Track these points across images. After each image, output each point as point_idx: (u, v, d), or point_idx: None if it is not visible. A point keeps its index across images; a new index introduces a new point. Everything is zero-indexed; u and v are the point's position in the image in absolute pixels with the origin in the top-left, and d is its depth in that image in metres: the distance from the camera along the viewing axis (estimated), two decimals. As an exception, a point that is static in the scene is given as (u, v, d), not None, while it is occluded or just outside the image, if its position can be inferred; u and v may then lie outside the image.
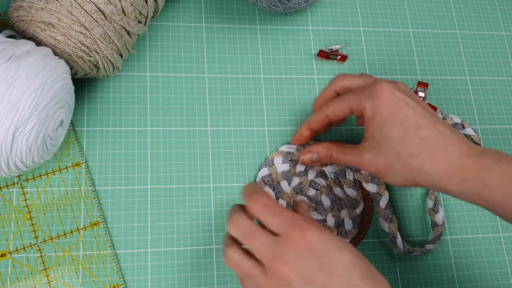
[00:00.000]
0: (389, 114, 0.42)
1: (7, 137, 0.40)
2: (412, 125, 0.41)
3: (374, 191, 0.52)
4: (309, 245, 0.38)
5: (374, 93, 0.43)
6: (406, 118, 0.42)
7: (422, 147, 0.41)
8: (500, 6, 0.66)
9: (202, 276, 0.49)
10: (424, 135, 0.41)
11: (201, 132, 0.54)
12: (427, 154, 0.41)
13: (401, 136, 0.41)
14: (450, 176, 0.41)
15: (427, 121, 0.42)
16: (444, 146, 0.41)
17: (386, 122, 0.42)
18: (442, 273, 0.53)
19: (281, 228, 0.39)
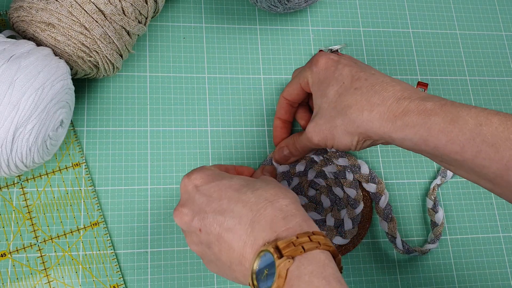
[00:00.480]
0: (326, 75, 0.43)
1: (7, 137, 0.40)
2: (347, 79, 0.41)
3: (374, 191, 0.52)
4: (195, 184, 0.40)
5: (314, 63, 0.45)
6: (341, 75, 0.42)
7: (358, 96, 0.40)
8: (500, 6, 0.66)
9: (202, 276, 0.49)
10: (360, 85, 0.41)
11: (201, 132, 0.54)
12: (364, 102, 0.40)
13: (337, 92, 0.41)
14: (391, 120, 0.39)
15: (363, 73, 0.41)
16: (382, 91, 0.40)
17: (323, 84, 0.43)
18: (442, 273, 0.53)
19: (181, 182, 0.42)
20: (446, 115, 0.37)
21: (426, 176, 0.56)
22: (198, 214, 0.39)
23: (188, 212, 0.39)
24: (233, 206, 0.37)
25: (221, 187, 0.39)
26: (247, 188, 0.38)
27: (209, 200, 0.38)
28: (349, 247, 0.51)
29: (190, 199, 0.40)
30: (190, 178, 0.41)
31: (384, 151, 0.56)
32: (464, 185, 0.57)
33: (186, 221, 0.39)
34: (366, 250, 0.53)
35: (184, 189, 0.41)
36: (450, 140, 0.37)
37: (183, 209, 0.40)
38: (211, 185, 0.39)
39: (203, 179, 0.40)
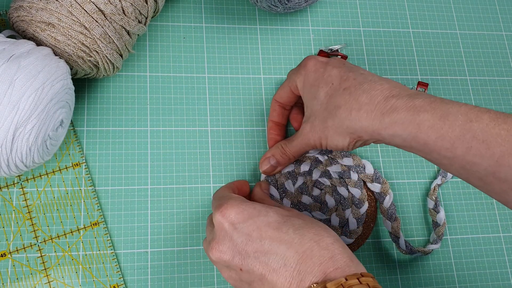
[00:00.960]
0: (315, 77, 0.43)
1: (7, 137, 0.40)
2: (336, 80, 0.42)
3: (378, 191, 0.52)
4: (230, 221, 0.39)
5: (303, 66, 0.45)
6: (330, 76, 0.42)
7: (347, 96, 0.40)
8: (500, 6, 0.66)
9: (202, 276, 0.49)
10: (348, 85, 0.41)
11: (201, 132, 0.54)
12: (353, 102, 0.40)
13: (327, 93, 0.41)
14: (379, 118, 0.39)
15: (352, 73, 0.41)
16: (370, 90, 0.39)
17: (313, 86, 0.43)
18: (442, 273, 0.53)
19: (213, 209, 0.42)
20: (435, 111, 0.37)
21: (427, 176, 0.56)
22: (239, 254, 0.38)
23: (227, 251, 0.39)
24: (276, 247, 0.37)
25: (259, 224, 0.38)
26: (287, 226, 0.38)
27: (249, 240, 0.38)
28: (353, 246, 0.51)
29: (227, 237, 0.39)
30: (224, 215, 0.40)
31: (384, 151, 0.56)
32: (465, 185, 0.57)
33: (226, 260, 0.39)
34: (367, 250, 0.53)
35: (220, 227, 0.40)
36: (440, 136, 0.36)
37: (221, 247, 0.39)
38: (249, 222, 0.39)
39: (239, 216, 0.39)
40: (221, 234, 0.40)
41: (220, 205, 0.40)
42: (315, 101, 0.43)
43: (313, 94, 0.43)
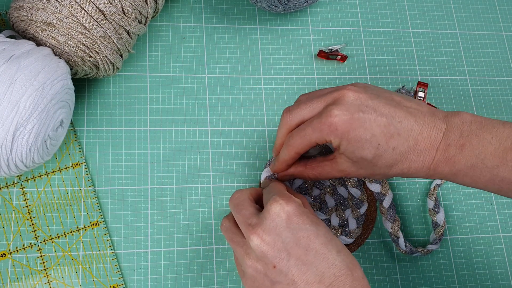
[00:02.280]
0: (356, 139, 0.42)
1: (7, 137, 0.40)
2: (382, 140, 0.42)
3: (378, 191, 0.52)
4: (288, 216, 0.39)
5: (333, 126, 0.42)
6: (374, 136, 0.42)
7: (397, 156, 0.42)
8: (500, 6, 0.66)
9: (202, 276, 0.49)
10: (396, 144, 0.42)
11: (201, 132, 0.54)
12: (403, 160, 0.43)
13: (376, 154, 0.42)
14: (426, 172, 0.43)
15: (393, 127, 0.42)
16: (415, 145, 0.42)
17: (356, 147, 0.42)
18: (442, 273, 0.53)
19: (267, 199, 0.41)
20: (467, 161, 0.41)
21: (426, 176, 0.56)
22: (280, 251, 0.38)
23: (270, 243, 0.39)
24: (318, 262, 0.38)
25: (309, 234, 0.39)
26: (332, 245, 0.39)
27: (296, 244, 0.38)
28: (353, 247, 0.51)
29: (277, 230, 0.39)
30: (287, 204, 0.40)
31: (384, 151, 0.56)
32: (464, 185, 0.57)
33: (263, 251, 0.39)
34: (367, 250, 0.53)
35: (275, 214, 0.40)
36: (474, 181, 0.42)
37: (266, 236, 0.39)
38: (302, 227, 0.39)
39: (297, 214, 0.40)
40: (272, 223, 0.39)
41: (284, 195, 0.41)
42: (362, 160, 0.43)
43: (358, 154, 0.42)
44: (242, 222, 0.41)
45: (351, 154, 0.43)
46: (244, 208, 0.42)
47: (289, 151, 0.46)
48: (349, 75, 0.59)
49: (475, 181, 0.42)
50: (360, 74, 0.59)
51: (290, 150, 0.46)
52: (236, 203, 0.43)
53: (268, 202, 0.40)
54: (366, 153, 0.42)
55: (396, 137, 0.42)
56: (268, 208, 0.40)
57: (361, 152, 0.42)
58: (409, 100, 0.44)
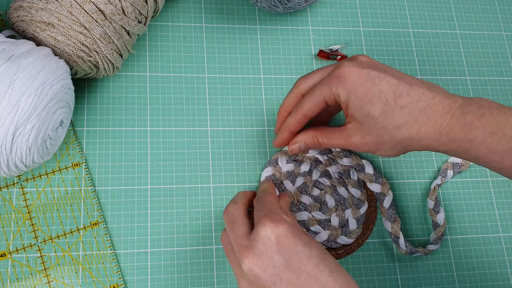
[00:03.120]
0: (364, 92, 0.41)
1: (7, 137, 0.40)
2: (390, 96, 0.41)
3: (378, 191, 0.52)
4: (278, 239, 0.39)
5: (342, 77, 0.42)
6: (382, 92, 0.41)
7: (406, 115, 0.41)
8: (500, 6, 0.66)
9: (202, 276, 0.49)
10: (405, 103, 0.41)
11: (201, 132, 0.54)
12: (412, 122, 0.41)
13: (383, 111, 0.41)
14: (437, 138, 0.41)
15: (402, 87, 0.41)
16: (426, 108, 0.41)
17: (364, 102, 0.42)
18: (442, 273, 0.53)
19: (257, 219, 0.41)
20: (485, 127, 0.40)
21: (427, 176, 0.56)
22: (272, 276, 0.38)
23: (261, 266, 0.38)
24: (310, 285, 0.37)
25: (301, 256, 0.38)
26: (324, 265, 0.38)
27: (287, 267, 0.38)
28: (353, 247, 0.51)
29: (268, 254, 0.38)
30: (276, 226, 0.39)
31: (384, 151, 0.56)
32: (465, 185, 0.57)
33: (256, 274, 0.38)
34: (367, 250, 0.53)
35: (265, 237, 0.39)
36: (490, 151, 0.40)
37: (257, 260, 0.38)
38: (294, 249, 0.39)
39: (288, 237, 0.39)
40: (263, 246, 0.39)
41: (274, 216, 0.40)
42: (369, 118, 0.42)
43: (365, 111, 0.42)
44: (235, 242, 0.41)
45: (359, 112, 0.42)
46: (237, 227, 0.41)
47: (296, 114, 0.45)
48: (349, 75, 0.59)
49: (491, 150, 0.40)
50: (360, 74, 0.59)
51: (298, 113, 0.45)
52: (230, 220, 0.42)
53: (258, 224, 0.40)
54: (373, 109, 0.41)
55: (405, 96, 0.41)
56: (259, 231, 0.39)
57: (369, 107, 0.41)
58: (423, 80, 0.43)
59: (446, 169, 0.56)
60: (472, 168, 0.58)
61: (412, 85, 0.41)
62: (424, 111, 0.41)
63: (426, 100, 0.41)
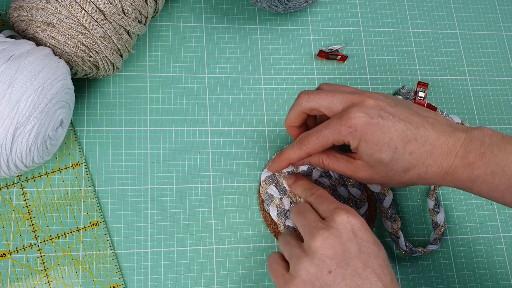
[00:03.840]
0: (374, 142, 0.43)
1: (7, 137, 0.40)
2: (399, 144, 0.43)
3: (378, 191, 0.52)
4: (353, 229, 0.41)
5: (352, 127, 0.43)
6: (391, 140, 0.43)
7: (414, 160, 0.43)
8: (500, 6, 0.66)
9: (202, 276, 0.49)
10: (413, 149, 0.43)
11: (201, 132, 0.54)
12: (420, 165, 0.43)
13: (393, 158, 0.43)
14: (443, 177, 0.43)
15: (410, 132, 0.43)
16: (432, 150, 0.43)
17: (374, 150, 0.43)
18: (442, 273, 0.53)
19: (329, 210, 0.42)
20: (486, 167, 0.42)
21: (426, 176, 0.56)
22: (341, 260, 0.39)
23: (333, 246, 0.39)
24: (373, 281, 0.39)
25: (370, 252, 0.40)
26: (388, 271, 0.40)
27: (357, 256, 0.39)
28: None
29: (342, 238, 0.40)
30: (350, 219, 0.41)
31: (384, 151, 0.56)
32: (464, 185, 0.57)
33: (326, 253, 0.39)
34: (366, 250, 0.53)
35: (341, 223, 0.41)
36: (491, 189, 0.42)
37: (331, 239, 0.40)
38: (365, 244, 0.40)
39: (362, 228, 0.41)
40: (338, 231, 0.40)
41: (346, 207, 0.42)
42: (379, 164, 0.43)
43: (376, 157, 0.43)
44: (306, 225, 0.42)
45: (369, 157, 0.43)
46: (308, 213, 0.43)
47: (300, 151, 0.46)
48: (349, 75, 0.59)
49: (492, 189, 0.42)
50: (360, 74, 0.59)
51: (302, 150, 0.46)
52: (299, 210, 0.44)
53: (333, 213, 0.41)
54: (383, 156, 0.43)
55: (413, 142, 0.43)
56: (334, 218, 0.41)
57: (379, 154, 0.43)
58: (428, 111, 0.45)
59: None
60: (472, 168, 0.58)
61: (418, 128, 0.43)
62: (430, 154, 0.43)
63: (431, 142, 0.43)
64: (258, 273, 0.50)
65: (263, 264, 0.51)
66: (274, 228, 0.51)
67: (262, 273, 0.50)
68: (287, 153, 0.47)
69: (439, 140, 0.43)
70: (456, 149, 0.42)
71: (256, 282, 0.50)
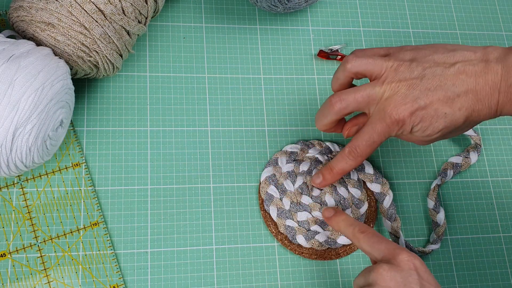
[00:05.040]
0: (423, 120, 0.43)
1: (7, 137, 0.40)
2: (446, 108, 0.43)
3: (378, 191, 0.52)
4: (415, 267, 0.40)
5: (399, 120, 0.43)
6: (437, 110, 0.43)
7: (465, 112, 0.43)
8: (500, 6, 0.66)
9: (202, 276, 0.49)
10: (459, 105, 0.43)
11: (201, 132, 0.54)
12: (472, 113, 0.43)
13: (446, 122, 0.43)
14: (495, 114, 0.44)
15: (450, 92, 0.43)
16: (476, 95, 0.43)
17: (427, 126, 0.43)
18: (442, 273, 0.53)
19: (388, 249, 0.42)
20: None
21: (427, 176, 0.56)
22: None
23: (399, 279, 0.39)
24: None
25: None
26: None
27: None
28: (353, 247, 0.51)
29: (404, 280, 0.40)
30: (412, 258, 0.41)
31: (384, 151, 0.56)
32: (465, 185, 0.57)
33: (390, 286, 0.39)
34: (366, 250, 0.53)
35: (406, 261, 0.40)
36: None
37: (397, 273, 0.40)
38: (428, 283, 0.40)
39: (423, 268, 0.41)
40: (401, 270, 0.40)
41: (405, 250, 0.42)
42: (435, 133, 0.44)
43: (430, 130, 0.44)
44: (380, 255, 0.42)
45: (425, 132, 0.44)
46: (382, 242, 0.43)
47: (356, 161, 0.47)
48: (349, 75, 0.59)
49: None
50: (360, 74, 0.59)
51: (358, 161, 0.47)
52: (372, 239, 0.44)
53: (394, 251, 0.41)
54: (437, 125, 0.43)
55: (457, 99, 0.43)
56: (395, 256, 0.41)
57: (433, 126, 0.43)
58: (453, 54, 0.44)
59: (446, 169, 0.56)
60: (472, 168, 0.58)
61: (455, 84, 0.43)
62: (476, 100, 0.43)
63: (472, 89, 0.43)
64: (258, 273, 0.50)
65: (263, 264, 0.51)
66: (274, 228, 0.51)
67: (262, 273, 0.50)
68: (340, 165, 0.48)
69: (478, 83, 0.43)
70: (498, 85, 0.42)
71: (256, 282, 0.50)
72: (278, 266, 0.51)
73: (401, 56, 0.44)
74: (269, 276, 0.50)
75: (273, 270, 0.50)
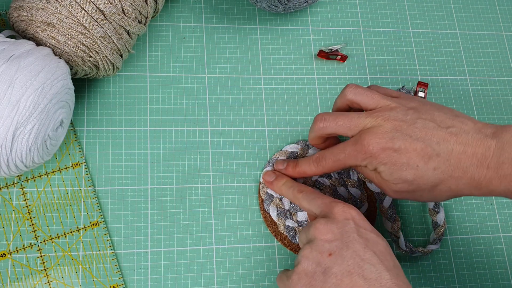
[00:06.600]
0: (392, 162, 0.42)
1: (7, 137, 0.40)
2: (419, 162, 0.41)
3: (378, 191, 0.52)
4: (351, 217, 0.41)
5: (367, 153, 0.43)
6: (411, 159, 0.42)
7: (440, 175, 0.41)
8: (500, 6, 0.66)
9: (202, 276, 0.49)
10: (436, 165, 0.41)
11: (201, 132, 0.54)
12: (448, 178, 0.41)
13: (416, 175, 0.42)
14: (477, 188, 0.41)
15: (430, 148, 0.41)
16: (459, 162, 0.41)
17: (394, 169, 0.42)
18: (442, 273, 0.53)
19: (324, 204, 0.43)
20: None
21: (426, 176, 0.56)
22: (342, 243, 0.39)
23: (334, 232, 0.40)
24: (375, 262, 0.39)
25: (369, 237, 0.40)
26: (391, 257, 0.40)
27: (360, 236, 0.40)
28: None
29: (340, 224, 0.40)
30: (347, 209, 0.41)
31: (384, 151, 0.56)
32: (464, 185, 0.57)
33: (328, 238, 0.40)
34: (366, 250, 0.53)
35: (341, 213, 0.41)
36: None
37: (331, 226, 0.40)
38: (365, 230, 0.40)
39: (360, 217, 0.41)
40: (330, 220, 0.40)
41: (340, 202, 0.42)
42: (401, 181, 0.43)
43: (397, 176, 0.42)
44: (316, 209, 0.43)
45: (391, 176, 0.43)
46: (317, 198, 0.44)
47: (317, 169, 0.47)
48: (349, 75, 0.59)
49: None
50: (360, 74, 0.59)
51: (319, 169, 0.47)
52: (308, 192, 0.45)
53: (330, 205, 0.42)
54: (405, 174, 0.42)
55: (435, 158, 0.41)
56: (331, 210, 0.41)
57: (400, 173, 0.42)
58: (453, 118, 0.43)
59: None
60: (472, 168, 0.58)
61: (440, 143, 0.41)
62: (457, 166, 0.41)
63: (456, 156, 0.41)
64: (258, 273, 0.50)
65: (263, 264, 0.51)
66: (274, 228, 0.51)
67: (262, 273, 0.50)
68: (303, 167, 0.48)
69: (466, 152, 0.41)
70: (488, 160, 0.40)
71: (256, 282, 0.50)
72: (278, 266, 0.51)
73: (404, 102, 0.44)
74: (269, 276, 0.50)
75: (273, 270, 0.50)
